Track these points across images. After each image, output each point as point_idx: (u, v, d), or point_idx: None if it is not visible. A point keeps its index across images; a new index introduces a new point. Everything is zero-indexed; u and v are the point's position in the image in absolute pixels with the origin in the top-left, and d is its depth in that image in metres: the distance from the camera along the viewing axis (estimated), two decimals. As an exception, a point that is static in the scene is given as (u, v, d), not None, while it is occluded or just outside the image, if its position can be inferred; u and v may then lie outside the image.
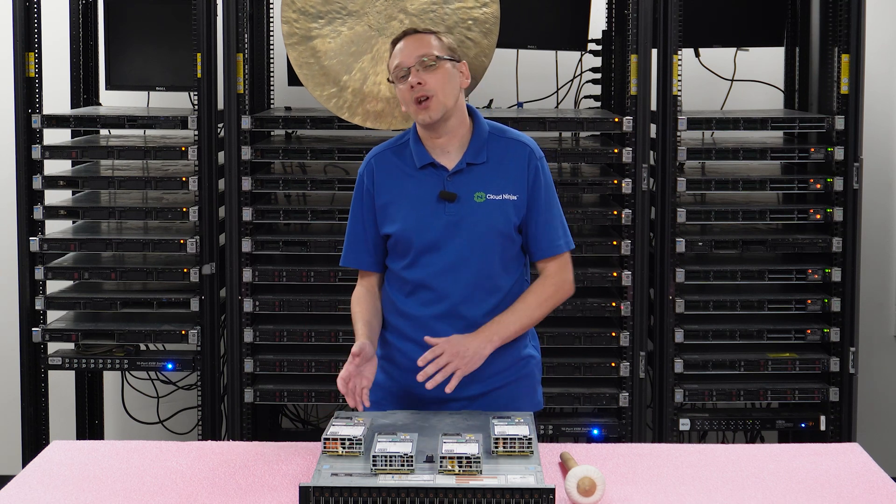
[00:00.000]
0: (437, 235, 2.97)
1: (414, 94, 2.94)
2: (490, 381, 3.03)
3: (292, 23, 3.49)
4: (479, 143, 3.01)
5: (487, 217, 2.97)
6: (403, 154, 3.04)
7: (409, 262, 3.00)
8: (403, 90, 2.97)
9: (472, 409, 2.99)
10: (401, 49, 2.99)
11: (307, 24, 3.50)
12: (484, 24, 3.54)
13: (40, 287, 4.33)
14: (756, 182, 4.22)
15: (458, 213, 2.97)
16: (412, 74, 2.94)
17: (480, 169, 3.00)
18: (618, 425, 4.24)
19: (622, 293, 4.22)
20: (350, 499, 2.35)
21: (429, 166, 3.00)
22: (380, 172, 3.04)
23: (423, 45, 2.97)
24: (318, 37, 3.50)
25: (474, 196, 2.98)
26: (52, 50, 4.65)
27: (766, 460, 2.81)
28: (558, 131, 4.53)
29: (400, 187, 3.01)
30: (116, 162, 4.56)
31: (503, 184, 2.99)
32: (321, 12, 3.50)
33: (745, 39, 4.69)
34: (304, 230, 4.37)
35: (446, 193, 2.98)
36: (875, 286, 5.05)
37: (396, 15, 3.49)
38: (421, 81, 2.93)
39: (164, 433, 5.02)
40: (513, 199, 2.99)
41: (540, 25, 4.59)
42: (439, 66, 2.95)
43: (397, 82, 2.99)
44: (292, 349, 4.31)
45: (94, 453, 2.84)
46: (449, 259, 2.97)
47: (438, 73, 2.95)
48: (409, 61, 2.95)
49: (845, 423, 4.23)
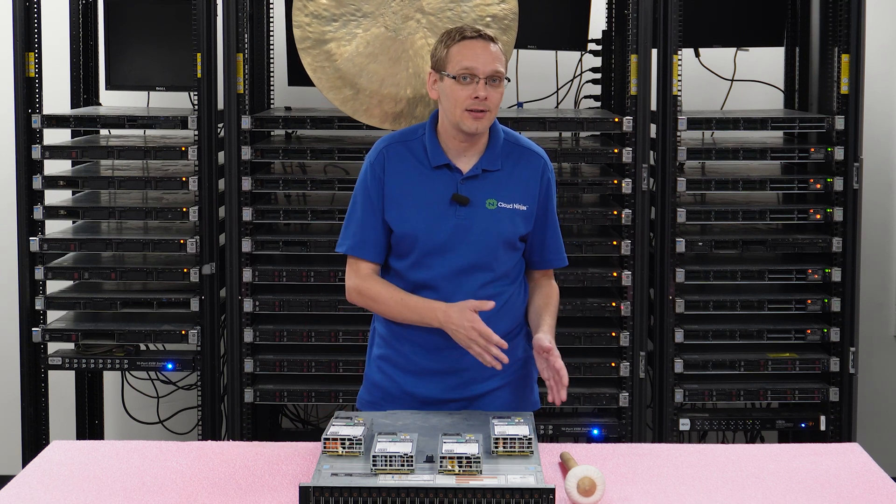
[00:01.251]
0: (445, 238, 2.96)
1: (474, 104, 2.90)
2: (489, 382, 3.03)
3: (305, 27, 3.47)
4: (495, 150, 3.00)
5: (497, 224, 2.97)
6: (416, 150, 3.00)
7: (412, 262, 2.99)
8: (463, 94, 2.91)
9: (472, 409, 2.99)
10: (475, 53, 2.92)
11: (321, 27, 3.49)
12: (503, 21, 3.51)
13: (40, 287, 4.33)
14: (756, 182, 4.22)
15: (469, 218, 2.96)
16: (481, 86, 2.90)
17: (494, 176, 2.99)
18: (618, 425, 4.24)
19: (622, 293, 4.22)
20: (350, 499, 2.35)
21: (444, 167, 2.98)
22: (391, 164, 3.00)
23: (496, 58, 2.93)
24: (333, 40, 3.49)
25: (486, 202, 2.97)
26: (52, 50, 4.64)
27: (766, 460, 2.81)
28: (558, 131, 4.53)
29: (411, 183, 2.98)
30: (116, 162, 4.56)
31: (515, 193, 2.99)
32: (335, 15, 3.48)
33: (745, 39, 4.69)
34: (304, 230, 4.37)
35: (459, 197, 2.96)
36: (875, 286, 5.05)
37: (413, 14, 3.48)
38: (487, 96, 2.90)
39: (164, 433, 5.02)
40: (522, 210, 2.99)
41: (540, 25, 4.59)
42: (502, 84, 2.94)
43: (458, 82, 2.91)
44: (292, 349, 4.31)
45: (94, 453, 2.84)
46: (454, 263, 2.96)
47: (499, 90, 2.93)
48: (483, 71, 2.90)
49: (845, 423, 4.23)
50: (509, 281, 3.03)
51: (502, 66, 2.94)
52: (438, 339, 2.96)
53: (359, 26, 3.48)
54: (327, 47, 3.49)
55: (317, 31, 3.48)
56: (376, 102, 3.48)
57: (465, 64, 2.91)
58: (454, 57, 2.93)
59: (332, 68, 3.50)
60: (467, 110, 2.91)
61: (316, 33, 3.48)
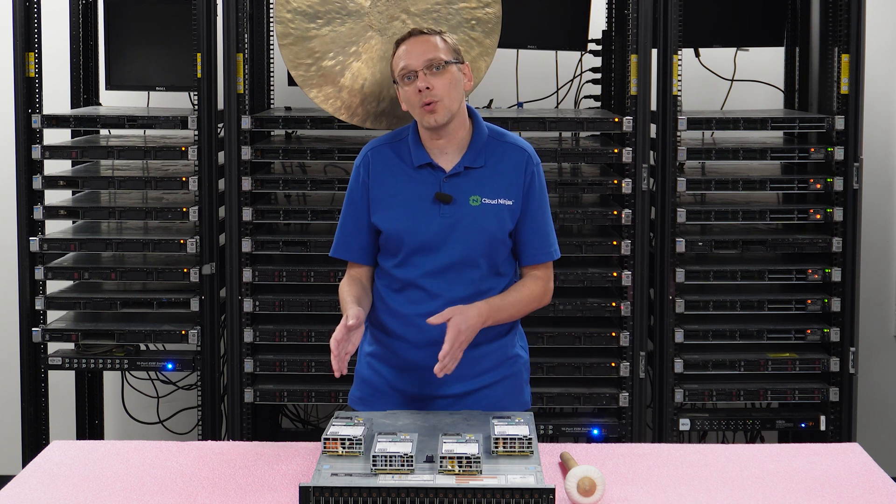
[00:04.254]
0: (430, 237, 2.97)
1: (422, 98, 2.93)
2: (477, 379, 3.04)
3: (287, 23, 3.47)
4: (478, 147, 3.01)
5: (482, 221, 2.97)
6: (401, 151, 3.04)
7: (399, 261, 3.01)
8: (410, 93, 2.96)
9: (458, 407, 3.00)
10: (407, 51, 2.97)
11: (304, 24, 3.48)
12: (487, 24, 3.53)
13: (40, 287, 4.33)
14: (756, 182, 4.22)
15: (453, 216, 2.97)
16: (420, 78, 2.93)
17: (477, 173, 3.00)
18: (618, 425, 4.24)
19: (622, 293, 4.22)
20: (350, 499, 2.35)
21: (426, 166, 3.00)
22: (376, 166, 3.04)
23: (430, 47, 2.96)
24: (316, 37, 3.48)
25: (470, 199, 2.98)
26: (52, 50, 4.65)
27: (766, 460, 2.81)
28: (558, 131, 4.53)
29: (395, 184, 3.01)
30: (116, 162, 4.56)
31: (499, 188, 2.99)
32: (319, 12, 3.48)
33: (745, 39, 4.69)
34: (304, 230, 4.37)
35: (442, 195, 2.97)
36: (875, 286, 5.05)
37: (398, 15, 3.48)
38: (429, 86, 2.92)
39: (164, 433, 5.02)
40: (508, 205, 2.99)
41: (540, 25, 4.59)
42: (446, 69, 2.94)
43: (402, 84, 2.98)
44: (292, 349, 4.31)
45: (94, 453, 2.84)
46: (441, 261, 2.97)
47: (445, 77, 2.94)
48: (417, 64, 2.94)
49: (845, 423, 4.23)
50: (498, 278, 3.03)
51: (441, 52, 2.95)
52: (427, 335, 2.96)
53: (343, 24, 3.47)
54: (310, 44, 3.48)
55: (299, 28, 3.48)
56: (358, 101, 3.49)
57: (401, 65, 2.98)
58: (395, 63, 3.01)
59: (315, 66, 3.49)
60: (420, 107, 2.94)
61: (298, 30, 3.48)
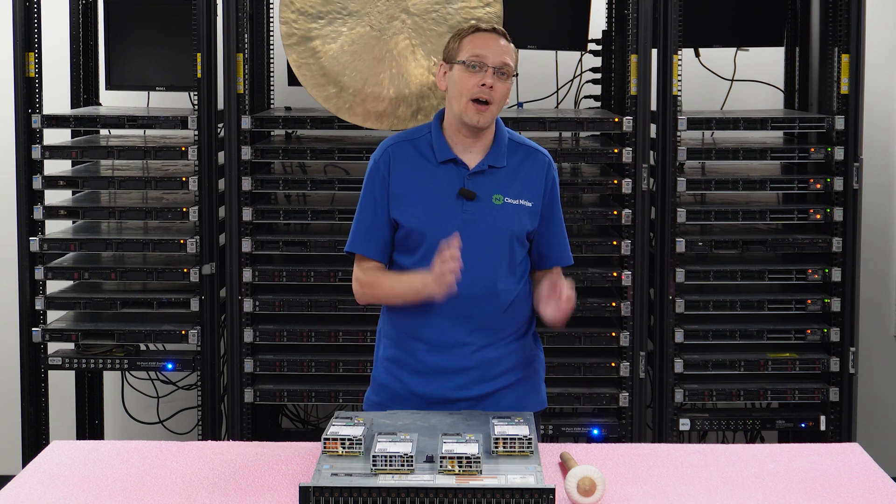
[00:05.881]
0: (453, 232, 2.95)
1: (480, 93, 2.93)
2: (498, 380, 3.04)
3: (291, 23, 3.48)
4: (501, 148, 3.03)
5: (504, 219, 2.98)
6: (422, 147, 3.03)
7: (420, 258, 2.98)
8: (469, 81, 2.95)
9: (479, 409, 2.99)
10: (486, 43, 2.97)
11: (307, 24, 3.49)
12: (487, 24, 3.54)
13: (40, 287, 4.33)
14: (756, 182, 4.22)
15: (476, 213, 2.97)
16: (489, 75, 2.94)
17: (500, 172, 3.01)
18: (618, 425, 4.24)
19: (622, 293, 4.22)
20: (350, 499, 2.35)
21: (450, 162, 3.00)
22: (397, 161, 3.02)
23: (507, 53, 2.98)
24: (318, 37, 3.49)
25: (493, 198, 2.99)
26: (52, 50, 4.65)
27: (766, 460, 2.81)
28: (558, 131, 4.53)
29: (418, 179, 3.00)
30: (116, 162, 4.56)
31: (520, 190, 3.01)
32: (321, 13, 3.49)
33: (745, 39, 4.69)
34: (304, 230, 4.37)
35: (466, 191, 2.97)
36: (875, 286, 5.05)
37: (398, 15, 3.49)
38: (493, 86, 2.94)
39: (164, 433, 5.02)
40: (528, 206, 3.01)
41: (540, 25, 4.59)
42: (509, 80, 2.98)
43: (463, 69, 2.95)
44: (292, 349, 4.31)
45: (94, 453, 2.84)
46: (461, 258, 2.96)
47: (506, 86, 2.97)
48: (493, 60, 2.95)
49: (845, 423, 4.23)
50: (516, 279, 3.03)
51: (512, 61, 2.99)
52: (447, 337, 2.97)
53: (344, 24, 3.48)
54: (312, 44, 3.49)
55: (303, 28, 3.49)
56: (359, 101, 3.49)
57: (476, 52, 2.96)
58: (466, 46, 2.99)
59: (317, 66, 3.50)
60: (472, 101, 2.93)
61: (302, 30, 3.49)
